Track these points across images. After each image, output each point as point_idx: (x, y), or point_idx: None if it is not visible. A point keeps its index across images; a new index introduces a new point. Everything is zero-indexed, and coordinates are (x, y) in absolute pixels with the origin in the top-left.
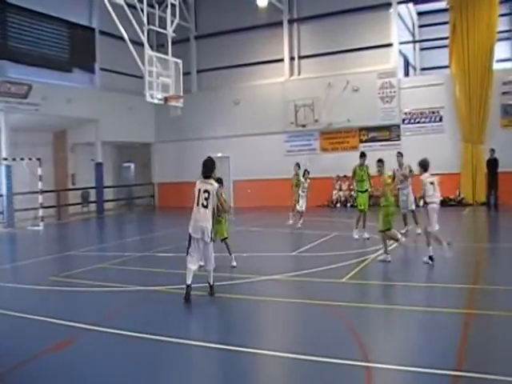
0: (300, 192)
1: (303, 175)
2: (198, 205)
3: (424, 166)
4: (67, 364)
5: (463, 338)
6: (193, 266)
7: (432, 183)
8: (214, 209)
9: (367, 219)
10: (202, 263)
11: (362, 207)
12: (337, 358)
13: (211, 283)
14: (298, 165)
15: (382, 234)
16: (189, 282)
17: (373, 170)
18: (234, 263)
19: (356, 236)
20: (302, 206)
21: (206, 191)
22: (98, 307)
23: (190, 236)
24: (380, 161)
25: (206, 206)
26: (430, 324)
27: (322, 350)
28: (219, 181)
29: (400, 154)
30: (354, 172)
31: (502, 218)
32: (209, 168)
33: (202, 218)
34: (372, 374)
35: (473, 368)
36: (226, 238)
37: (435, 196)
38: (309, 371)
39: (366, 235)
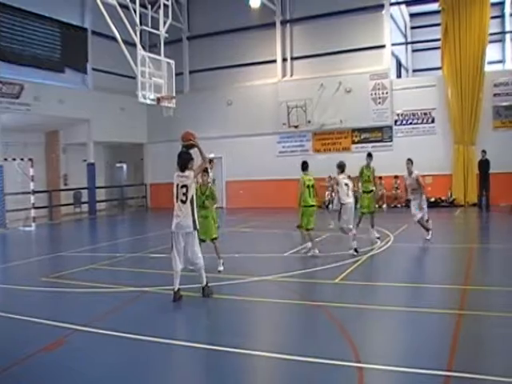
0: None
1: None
2: (177, 201)
3: (341, 167)
4: (58, 365)
5: (454, 338)
6: (178, 267)
7: (347, 184)
8: (192, 200)
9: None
10: (190, 267)
11: (365, 210)
12: (329, 358)
13: (203, 284)
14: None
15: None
16: (176, 287)
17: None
18: (221, 268)
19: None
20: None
21: (183, 186)
22: (89, 308)
23: (172, 235)
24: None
25: (184, 202)
26: (422, 324)
27: (314, 351)
28: (304, 165)
29: (410, 161)
30: (361, 173)
31: (493, 219)
32: (184, 160)
33: (183, 214)
34: (364, 374)
35: (464, 368)
36: (215, 239)
37: (349, 196)
38: (300, 372)
39: (376, 234)
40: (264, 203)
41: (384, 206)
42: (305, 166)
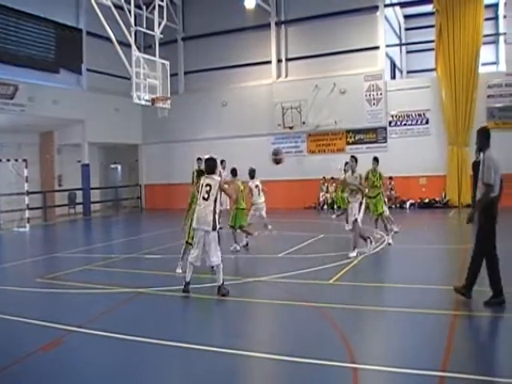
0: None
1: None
2: (200, 198)
3: (250, 173)
4: (53, 366)
5: (449, 338)
6: (194, 261)
7: (257, 186)
8: (215, 200)
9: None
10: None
11: (374, 214)
12: (324, 359)
13: (220, 282)
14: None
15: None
16: (188, 278)
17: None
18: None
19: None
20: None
21: (207, 185)
22: (84, 309)
23: (194, 230)
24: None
25: (206, 199)
26: (416, 325)
27: (309, 352)
28: (234, 172)
29: (354, 159)
30: (367, 177)
31: None
32: (210, 166)
33: (203, 210)
34: (359, 375)
35: (458, 369)
36: (241, 227)
37: (260, 198)
38: (295, 373)
39: (395, 228)
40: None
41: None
42: (234, 173)
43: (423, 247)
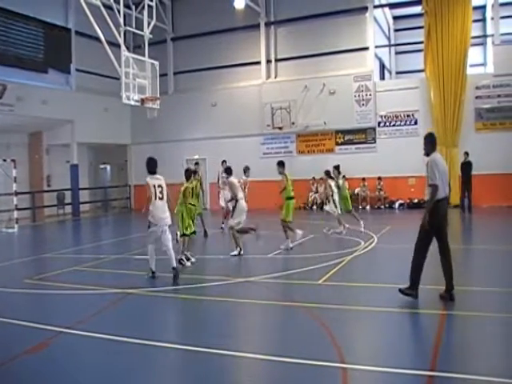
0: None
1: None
2: (155, 198)
3: (228, 171)
4: (41, 368)
5: (438, 338)
6: (153, 250)
7: (239, 182)
8: (168, 199)
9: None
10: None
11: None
12: (313, 359)
13: (174, 265)
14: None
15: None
16: (153, 267)
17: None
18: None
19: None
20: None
21: (159, 186)
22: (74, 310)
23: (150, 224)
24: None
25: (161, 198)
26: (405, 325)
27: (298, 352)
28: (228, 170)
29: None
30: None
31: (476, 220)
32: (155, 165)
33: (162, 209)
34: (348, 374)
35: (446, 368)
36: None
37: (240, 196)
38: (284, 373)
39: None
40: (248, 204)
41: (367, 207)
42: (187, 175)
43: (412, 247)
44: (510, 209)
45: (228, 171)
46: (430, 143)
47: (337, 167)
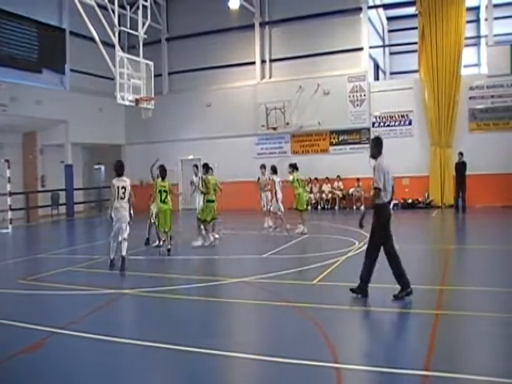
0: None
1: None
2: (117, 198)
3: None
4: (35, 368)
5: (432, 338)
6: (113, 242)
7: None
8: (129, 199)
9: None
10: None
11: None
12: (307, 359)
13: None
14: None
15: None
16: (112, 255)
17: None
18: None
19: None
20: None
21: (123, 187)
22: (68, 310)
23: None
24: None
25: (123, 198)
26: (399, 325)
27: (292, 352)
28: (206, 167)
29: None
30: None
31: (469, 220)
32: (123, 168)
33: (123, 207)
34: (342, 374)
35: (440, 368)
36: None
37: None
38: (278, 373)
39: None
40: (242, 205)
41: (362, 207)
42: (163, 174)
43: (406, 247)
44: (504, 209)
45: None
46: (377, 147)
47: (293, 165)
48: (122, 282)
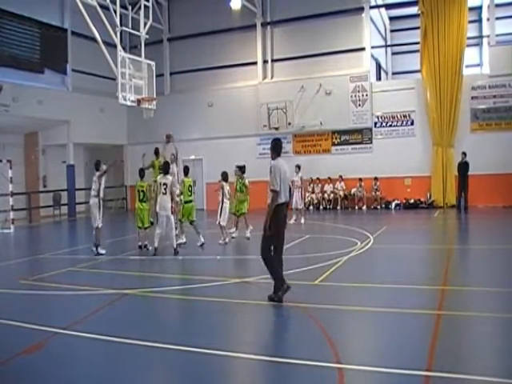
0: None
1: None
2: (160, 193)
3: (185, 171)
4: (37, 368)
5: (434, 338)
6: (158, 232)
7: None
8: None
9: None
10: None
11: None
12: (309, 359)
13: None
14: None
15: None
16: (156, 244)
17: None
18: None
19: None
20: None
21: (164, 184)
22: (70, 311)
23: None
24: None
25: (165, 193)
26: (401, 325)
27: (294, 352)
28: (185, 170)
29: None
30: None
31: (472, 221)
32: (168, 167)
33: (165, 201)
34: (344, 374)
35: (443, 368)
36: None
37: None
38: (280, 373)
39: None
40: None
41: (364, 207)
42: (142, 174)
43: (408, 247)
44: (506, 209)
45: (185, 170)
46: (273, 149)
47: (240, 167)
48: (123, 283)
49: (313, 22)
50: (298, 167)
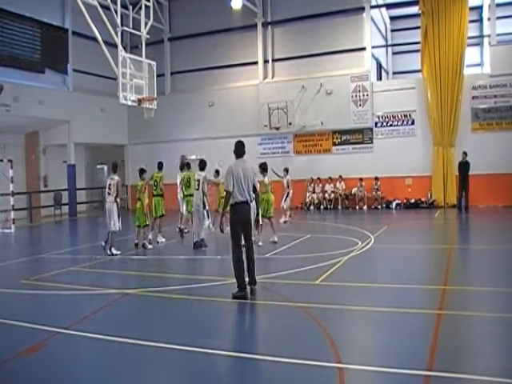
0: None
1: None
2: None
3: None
4: (38, 368)
5: (434, 338)
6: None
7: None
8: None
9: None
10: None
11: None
12: (309, 359)
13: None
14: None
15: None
16: (202, 236)
17: None
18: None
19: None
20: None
21: (197, 180)
22: (71, 310)
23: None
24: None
25: (197, 189)
26: (402, 325)
27: (295, 352)
28: (159, 165)
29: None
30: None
31: (472, 220)
32: (205, 164)
33: (198, 198)
34: (344, 374)
35: (443, 368)
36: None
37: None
38: (281, 373)
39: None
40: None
41: (364, 207)
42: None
43: (409, 247)
44: (506, 209)
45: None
46: (234, 151)
47: (261, 165)
48: (124, 282)
49: (313, 22)
50: (286, 170)
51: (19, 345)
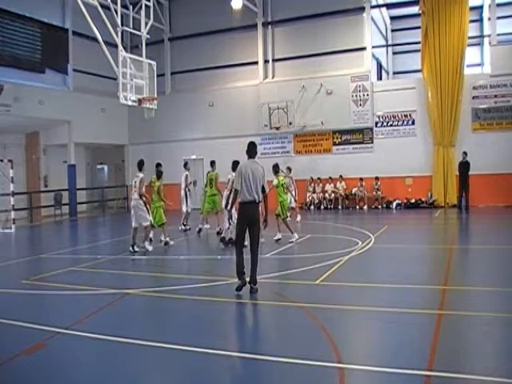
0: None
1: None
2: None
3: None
4: (38, 368)
5: (435, 338)
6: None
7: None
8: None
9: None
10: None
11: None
12: (310, 359)
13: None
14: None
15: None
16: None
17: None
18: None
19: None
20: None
21: (228, 180)
22: (71, 310)
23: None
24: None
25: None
26: (402, 325)
27: (295, 352)
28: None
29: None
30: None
31: (473, 220)
32: (237, 164)
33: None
34: (345, 374)
35: (444, 368)
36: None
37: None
38: (281, 373)
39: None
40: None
41: (365, 207)
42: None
43: (409, 247)
44: (507, 209)
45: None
46: (246, 151)
47: (274, 166)
48: (124, 282)
49: (314, 22)
50: (289, 169)
51: (20, 344)
